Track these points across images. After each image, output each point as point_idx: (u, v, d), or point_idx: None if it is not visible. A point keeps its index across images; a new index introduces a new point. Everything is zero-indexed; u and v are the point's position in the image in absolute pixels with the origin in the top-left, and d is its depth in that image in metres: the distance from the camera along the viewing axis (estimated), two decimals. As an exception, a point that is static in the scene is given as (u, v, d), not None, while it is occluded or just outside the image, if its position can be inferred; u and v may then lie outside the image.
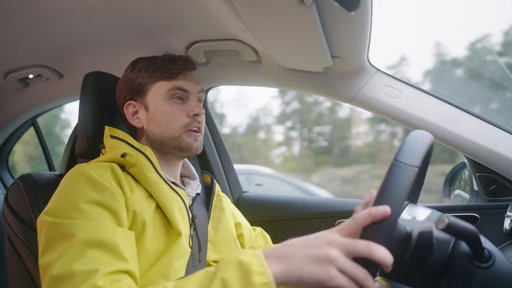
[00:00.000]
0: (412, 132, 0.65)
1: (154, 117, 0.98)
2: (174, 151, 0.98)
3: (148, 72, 0.99)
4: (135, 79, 1.00)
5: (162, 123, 0.97)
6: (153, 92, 0.98)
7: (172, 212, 0.87)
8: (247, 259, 0.59)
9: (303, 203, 1.57)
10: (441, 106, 1.20)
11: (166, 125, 0.96)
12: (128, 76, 1.02)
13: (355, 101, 1.26)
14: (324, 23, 0.92)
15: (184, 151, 0.98)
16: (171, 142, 0.97)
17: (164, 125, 0.96)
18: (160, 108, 0.97)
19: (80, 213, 0.74)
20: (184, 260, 0.87)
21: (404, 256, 0.62)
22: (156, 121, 0.97)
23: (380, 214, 0.56)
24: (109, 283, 0.65)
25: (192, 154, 1.00)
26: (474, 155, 1.17)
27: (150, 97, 0.99)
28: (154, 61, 1.00)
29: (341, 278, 0.55)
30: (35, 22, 1.14)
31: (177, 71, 0.99)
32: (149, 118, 0.99)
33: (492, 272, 0.61)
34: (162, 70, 0.98)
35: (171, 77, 0.98)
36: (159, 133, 0.97)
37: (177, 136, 0.96)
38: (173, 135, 0.96)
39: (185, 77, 1.00)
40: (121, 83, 1.04)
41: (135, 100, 1.01)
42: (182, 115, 0.97)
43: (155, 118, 0.98)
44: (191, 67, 1.02)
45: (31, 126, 1.96)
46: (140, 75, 1.00)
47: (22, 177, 1.05)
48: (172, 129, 0.96)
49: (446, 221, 0.57)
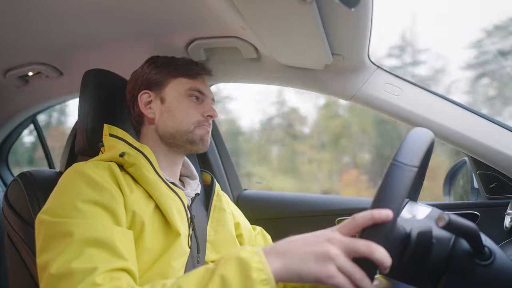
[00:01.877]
0: (411, 131, 0.65)
1: (170, 109, 0.99)
2: (185, 144, 0.99)
3: (170, 67, 1.02)
4: (154, 72, 1.02)
5: (177, 116, 0.99)
6: (173, 86, 1.01)
7: (171, 212, 0.87)
8: (247, 256, 0.59)
9: (304, 200, 1.57)
10: (441, 103, 1.20)
11: (181, 118, 0.98)
12: (146, 70, 1.04)
13: (355, 98, 1.25)
14: (324, 20, 0.92)
15: (194, 144, 0.99)
16: (183, 135, 0.98)
17: (179, 118, 0.98)
18: (177, 102, 1.00)
19: (78, 212, 0.74)
20: (183, 260, 0.86)
21: (403, 256, 0.61)
22: (171, 113, 0.99)
23: (383, 218, 0.56)
24: (108, 280, 0.65)
25: (201, 150, 1.02)
26: (474, 153, 1.17)
27: (169, 90, 1.01)
28: (176, 60, 1.04)
29: (340, 277, 0.55)
30: (35, 20, 1.13)
31: (197, 72, 1.03)
32: (163, 109, 1.00)
33: (493, 269, 0.61)
34: (184, 68, 1.02)
35: (192, 76, 1.02)
36: (172, 125, 0.98)
37: (190, 130, 0.98)
38: (186, 128, 0.98)
39: (203, 81, 1.05)
40: (136, 75, 1.05)
41: (151, 90, 1.02)
42: (196, 113, 1.00)
43: (170, 110, 0.99)
44: (209, 73, 1.07)
45: (31, 124, 1.96)
46: (160, 70, 1.02)
47: (21, 174, 1.05)
48: (186, 123, 0.98)
49: (446, 219, 0.57)
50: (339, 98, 1.30)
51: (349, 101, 1.28)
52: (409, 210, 0.72)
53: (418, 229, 0.62)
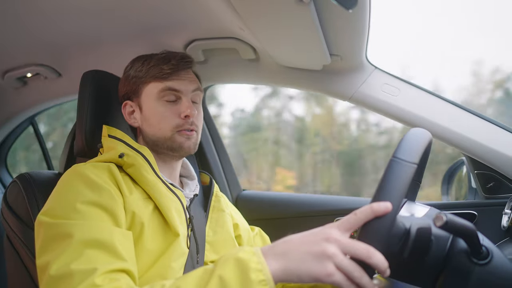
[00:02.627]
0: (410, 130, 0.66)
1: (147, 118, 0.97)
2: (167, 151, 0.97)
3: (142, 71, 0.98)
4: (131, 78, 0.99)
5: (155, 124, 0.96)
6: (146, 93, 0.97)
7: (170, 212, 0.87)
8: (245, 256, 0.59)
9: (302, 201, 1.57)
10: (439, 103, 1.20)
11: (158, 126, 0.95)
12: (126, 74, 1.01)
13: (353, 99, 1.26)
14: (322, 21, 0.92)
15: (176, 151, 0.96)
16: (163, 143, 0.96)
17: (157, 126, 0.96)
18: (152, 109, 0.96)
19: (78, 213, 0.74)
20: (182, 261, 0.86)
21: (402, 252, 0.62)
22: (149, 122, 0.97)
23: (382, 210, 0.56)
24: (108, 281, 0.65)
25: (185, 154, 0.98)
26: (472, 153, 1.18)
27: (144, 97, 0.98)
28: (149, 61, 0.98)
29: (339, 275, 0.55)
30: (33, 21, 1.13)
31: (169, 71, 0.96)
32: (143, 118, 0.98)
33: (490, 269, 0.61)
34: (155, 71, 0.96)
35: (163, 77, 0.96)
36: (153, 134, 0.96)
37: (168, 136, 0.95)
38: (165, 135, 0.95)
39: (179, 77, 0.97)
40: (121, 81, 1.03)
41: (132, 99, 1.00)
42: (173, 116, 0.95)
43: (148, 118, 0.97)
44: (185, 66, 0.99)
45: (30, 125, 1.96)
46: (136, 74, 0.99)
47: (20, 176, 1.05)
48: (164, 130, 0.95)
49: (444, 219, 0.57)
50: (337, 98, 1.30)
51: (347, 101, 1.28)
52: (407, 210, 0.72)
53: (417, 225, 0.62)
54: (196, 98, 1.01)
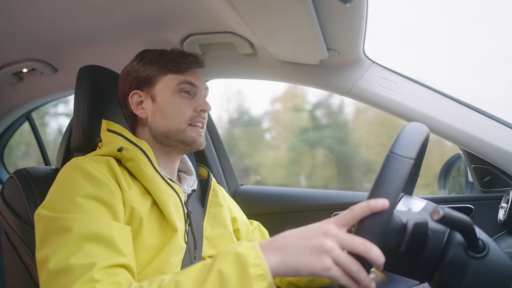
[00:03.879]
0: (407, 124, 0.65)
1: (161, 108, 0.97)
2: (178, 144, 0.97)
3: (159, 64, 0.99)
4: (143, 70, 1.00)
5: (169, 115, 0.96)
6: (162, 84, 0.98)
7: (168, 207, 0.87)
8: (244, 251, 0.59)
9: (300, 195, 1.57)
10: (436, 98, 1.21)
11: (172, 117, 0.96)
12: (136, 67, 1.01)
13: (350, 93, 1.26)
14: (319, 15, 0.92)
15: (187, 145, 0.97)
16: (175, 135, 0.96)
17: (171, 117, 0.96)
18: (168, 100, 0.97)
19: (77, 207, 0.74)
20: (180, 256, 0.87)
21: (399, 247, 0.62)
22: (163, 113, 0.97)
23: (379, 207, 0.56)
24: (107, 276, 0.65)
25: (195, 149, 1.00)
26: (469, 147, 1.18)
27: (159, 88, 0.98)
28: (166, 54, 1.00)
29: (336, 270, 0.56)
30: (28, 16, 1.13)
31: (187, 66, 0.99)
32: (155, 109, 0.98)
33: (486, 262, 0.62)
34: (173, 63, 0.99)
35: (181, 71, 0.99)
36: (165, 125, 0.97)
37: (182, 129, 0.96)
38: (178, 127, 0.96)
39: (194, 73, 1.01)
40: (126, 73, 1.03)
41: (141, 90, 1.00)
42: (189, 109, 0.97)
43: (162, 109, 0.97)
44: (200, 65, 1.03)
45: (26, 121, 1.95)
46: (149, 66, 0.99)
47: (17, 171, 1.05)
48: (177, 122, 0.96)
49: (441, 213, 0.57)
50: (334, 93, 1.30)
51: (344, 96, 1.28)
52: (405, 204, 0.73)
53: (414, 220, 0.62)
54: (206, 95, 1.04)
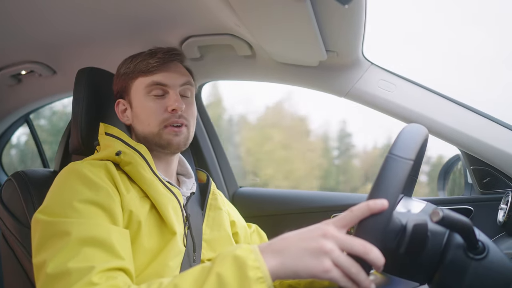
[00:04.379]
0: (406, 126, 0.65)
1: (137, 114, 0.97)
2: (156, 148, 0.96)
3: (130, 68, 0.97)
4: (121, 76, 0.99)
5: (144, 120, 0.95)
6: (134, 89, 0.97)
7: (167, 210, 0.86)
8: (243, 254, 0.59)
9: (299, 197, 1.57)
10: (435, 99, 1.21)
11: (147, 121, 0.95)
12: (117, 73, 1.01)
13: (349, 95, 1.26)
14: (318, 17, 0.92)
15: (164, 148, 0.95)
16: (152, 139, 0.95)
17: (146, 122, 0.95)
18: (140, 104, 0.96)
19: (75, 211, 0.74)
20: (178, 259, 0.86)
21: (399, 248, 0.62)
22: (139, 118, 0.96)
23: (378, 207, 0.56)
24: (105, 280, 0.65)
25: (175, 151, 0.97)
26: (468, 148, 1.18)
27: (133, 94, 0.97)
28: (137, 57, 0.98)
29: (336, 271, 0.55)
30: (26, 18, 1.12)
31: (155, 64, 0.95)
32: (133, 115, 0.98)
33: (486, 263, 0.61)
34: (141, 66, 0.96)
35: (150, 71, 0.95)
36: (142, 130, 0.96)
37: (156, 132, 0.94)
38: (153, 131, 0.94)
39: (166, 70, 0.96)
40: (114, 80, 1.03)
41: (124, 98, 1.00)
42: (161, 111, 0.94)
43: (137, 115, 0.97)
44: (172, 58, 0.97)
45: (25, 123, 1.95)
46: (125, 71, 0.99)
47: (15, 174, 1.04)
48: (152, 126, 0.94)
49: (441, 214, 0.57)
50: (333, 95, 1.30)
51: (343, 97, 1.28)
52: (404, 205, 0.72)
53: (413, 221, 0.62)
54: (186, 92, 0.99)
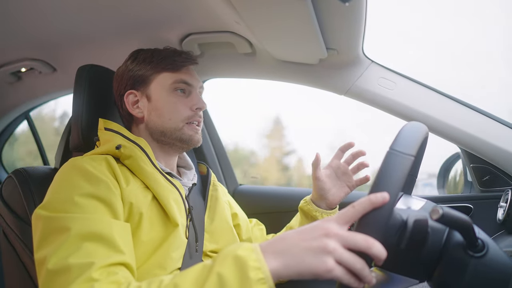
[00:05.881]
0: (407, 123, 0.66)
1: (157, 108, 0.98)
2: (175, 142, 0.98)
3: (153, 63, 0.99)
4: (137, 69, 1.00)
5: (165, 114, 0.97)
6: (157, 83, 0.98)
7: (169, 203, 0.87)
8: (244, 254, 0.58)
9: (299, 195, 1.57)
10: (435, 97, 1.21)
11: (169, 116, 0.97)
12: (130, 66, 1.01)
13: (349, 93, 1.26)
14: (318, 14, 0.92)
15: (185, 143, 0.98)
16: (172, 133, 0.97)
17: (167, 116, 0.97)
18: (163, 99, 0.97)
19: (76, 206, 0.74)
20: (181, 250, 0.87)
21: (399, 244, 0.62)
22: (159, 112, 0.97)
23: (380, 201, 0.56)
24: (105, 275, 0.65)
25: (192, 146, 1.00)
26: (468, 146, 1.18)
27: (153, 87, 0.98)
28: (159, 53, 1.00)
29: (339, 270, 0.55)
30: (26, 15, 1.12)
31: (181, 64, 0.99)
32: (151, 108, 0.98)
33: (486, 261, 0.61)
34: (167, 62, 0.98)
35: (175, 69, 0.99)
36: (161, 124, 0.97)
37: (179, 127, 0.97)
38: (175, 126, 0.96)
39: (188, 71, 1.01)
40: (120, 73, 1.02)
41: (136, 89, 1.00)
42: (185, 108, 0.97)
43: (157, 108, 0.97)
44: (194, 62, 1.02)
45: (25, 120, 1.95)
46: (143, 66, 0.99)
47: (16, 171, 1.05)
48: (174, 120, 0.96)
49: (440, 212, 0.57)
50: (333, 92, 1.30)
51: (343, 95, 1.28)
52: (404, 203, 0.73)
53: (414, 217, 0.62)
54: (201, 93, 1.04)
